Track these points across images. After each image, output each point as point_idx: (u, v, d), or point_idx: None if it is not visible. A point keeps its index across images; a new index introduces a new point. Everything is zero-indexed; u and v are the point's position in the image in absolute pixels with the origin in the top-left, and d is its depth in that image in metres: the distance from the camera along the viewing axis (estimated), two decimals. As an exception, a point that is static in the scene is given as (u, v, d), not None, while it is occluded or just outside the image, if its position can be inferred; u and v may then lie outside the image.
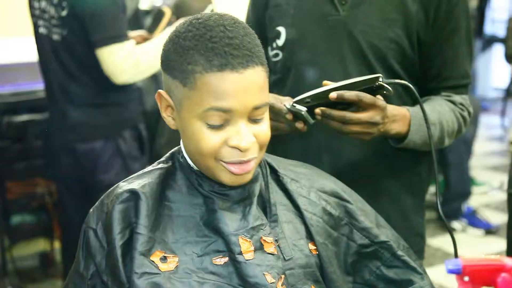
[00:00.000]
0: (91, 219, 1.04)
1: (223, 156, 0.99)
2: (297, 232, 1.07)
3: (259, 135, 1.00)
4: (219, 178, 1.01)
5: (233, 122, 0.97)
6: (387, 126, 1.28)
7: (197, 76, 0.95)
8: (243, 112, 0.97)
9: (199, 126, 0.98)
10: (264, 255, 1.01)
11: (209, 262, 1.00)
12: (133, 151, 2.36)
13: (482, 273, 0.81)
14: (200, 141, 0.98)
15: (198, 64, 0.95)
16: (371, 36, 1.35)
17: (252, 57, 0.96)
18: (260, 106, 0.98)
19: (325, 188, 1.14)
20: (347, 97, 1.19)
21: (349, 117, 1.21)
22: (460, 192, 3.86)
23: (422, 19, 1.36)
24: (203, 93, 0.96)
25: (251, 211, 1.03)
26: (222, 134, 0.98)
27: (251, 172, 1.02)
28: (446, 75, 1.42)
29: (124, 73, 2.24)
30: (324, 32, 1.38)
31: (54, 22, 2.28)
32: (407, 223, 1.46)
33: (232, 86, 0.95)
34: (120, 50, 2.21)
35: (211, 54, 0.95)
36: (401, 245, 1.16)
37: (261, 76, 0.98)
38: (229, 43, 0.95)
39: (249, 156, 0.99)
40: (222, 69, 0.94)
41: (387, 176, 1.44)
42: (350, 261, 1.12)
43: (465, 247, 3.58)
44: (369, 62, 1.36)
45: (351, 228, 1.12)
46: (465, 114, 1.44)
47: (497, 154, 5.47)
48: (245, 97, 0.96)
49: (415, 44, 1.37)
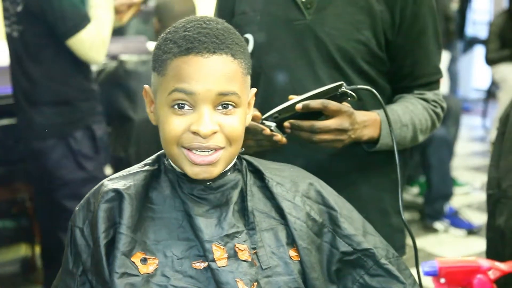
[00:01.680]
0: (77, 218, 1.05)
1: (184, 141, 1.00)
2: (277, 239, 1.07)
3: (225, 126, 1.00)
4: (184, 169, 1.02)
5: (197, 108, 0.99)
6: (358, 133, 1.29)
7: (168, 62, 0.99)
8: (206, 98, 0.98)
9: (166, 112, 1.00)
10: (237, 262, 1.01)
11: (189, 265, 1.00)
12: (84, 150, 2.37)
13: (458, 275, 0.81)
14: (165, 127, 1.00)
15: (170, 52, 0.99)
16: (338, 38, 1.36)
17: (219, 44, 0.98)
18: (225, 93, 0.99)
19: (309, 193, 1.13)
20: (313, 106, 1.22)
21: (317, 126, 1.23)
22: (442, 193, 3.89)
23: (388, 20, 1.37)
24: (170, 77, 0.99)
25: (226, 218, 1.03)
26: (186, 120, 0.99)
27: (216, 166, 1.02)
28: (418, 74, 1.44)
29: (98, 54, 2.28)
30: (292, 37, 1.38)
31: (13, 19, 2.30)
32: (387, 220, 1.47)
33: (195, 69, 0.97)
34: (87, 34, 2.23)
35: (182, 40, 0.99)
36: (390, 253, 1.15)
37: (230, 66, 1.00)
38: (201, 32, 0.99)
39: (210, 143, 0.99)
40: (188, 53, 0.98)
41: (363, 177, 1.45)
42: (334, 269, 1.10)
43: (447, 247, 3.60)
44: (338, 64, 1.37)
45: (334, 235, 1.11)
46: (438, 110, 1.46)
47: (478, 154, 5.51)
48: (208, 82, 0.97)
49: (382, 44, 1.38)
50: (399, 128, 1.37)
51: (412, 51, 1.41)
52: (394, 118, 1.36)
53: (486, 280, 0.79)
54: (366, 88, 1.29)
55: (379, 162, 1.45)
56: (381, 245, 1.15)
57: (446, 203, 3.89)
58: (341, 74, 1.37)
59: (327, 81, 1.35)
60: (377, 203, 1.47)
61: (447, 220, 3.85)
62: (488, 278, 0.80)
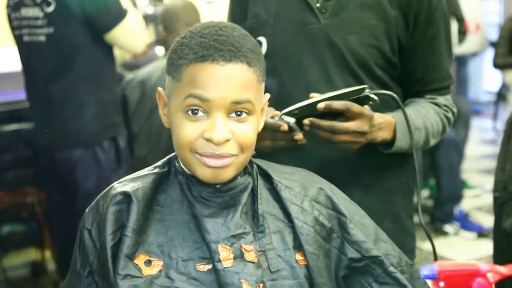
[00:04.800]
0: (86, 220, 1.07)
1: (197, 148, 1.00)
2: (284, 242, 1.06)
3: (238, 133, 1.00)
4: (195, 173, 1.02)
5: (211, 115, 0.99)
6: (373, 134, 1.30)
7: (183, 68, 0.99)
8: (221, 105, 0.98)
9: (180, 117, 1.00)
10: (243, 263, 1.01)
11: (193, 267, 1.01)
12: (110, 161, 2.36)
13: (457, 278, 0.80)
14: (179, 132, 1.01)
15: (186, 57, 0.99)
16: (352, 43, 1.36)
17: (235, 52, 0.99)
18: (239, 101, 0.99)
19: (319, 198, 1.13)
20: (335, 107, 1.21)
21: (338, 126, 1.23)
22: (452, 196, 3.87)
23: (402, 25, 1.37)
24: (185, 83, 0.99)
25: (233, 219, 1.03)
26: (199, 126, 0.99)
27: (229, 170, 1.02)
28: (430, 79, 1.44)
29: (140, 40, 2.31)
30: (306, 41, 1.38)
31: (39, 23, 2.26)
32: (399, 224, 1.47)
33: (211, 76, 0.97)
34: (130, 21, 2.25)
35: (198, 47, 0.99)
36: (403, 261, 1.13)
37: (245, 74, 1.00)
38: (216, 38, 0.99)
39: (223, 150, 0.99)
40: (204, 60, 0.98)
41: (375, 180, 1.45)
42: (342, 274, 1.09)
43: (458, 250, 3.58)
44: (351, 68, 1.37)
45: (343, 241, 1.10)
46: (449, 115, 1.47)
47: (489, 157, 5.48)
48: (224, 90, 0.98)
49: (396, 49, 1.38)
50: (413, 131, 1.37)
51: (424, 56, 1.41)
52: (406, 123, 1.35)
53: (486, 284, 0.79)
54: (388, 93, 1.30)
55: (391, 165, 1.45)
56: (393, 253, 1.13)
57: (456, 206, 3.88)
58: (354, 78, 1.37)
59: (341, 85, 1.36)
60: (389, 206, 1.46)
61: (457, 222, 3.83)
62: (488, 282, 0.80)
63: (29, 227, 3.11)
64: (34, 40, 2.29)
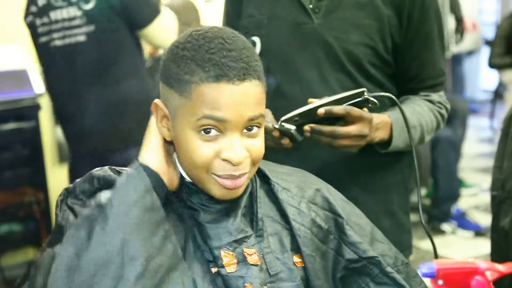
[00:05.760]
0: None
1: (215, 169, 0.97)
2: (282, 244, 1.06)
3: (252, 150, 0.99)
4: (210, 191, 1.00)
5: (226, 135, 0.96)
6: (372, 135, 1.31)
7: (193, 86, 0.95)
8: (237, 124, 0.96)
9: (192, 136, 0.97)
10: (247, 266, 1.00)
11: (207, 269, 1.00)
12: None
13: (456, 276, 0.81)
14: (193, 152, 0.97)
15: (195, 74, 0.95)
16: (346, 42, 1.36)
17: (248, 70, 0.96)
18: (255, 117, 0.97)
19: (315, 199, 1.12)
20: (336, 112, 1.22)
21: (339, 131, 1.24)
22: (449, 194, 3.87)
23: (395, 23, 1.38)
24: (198, 102, 0.95)
25: (234, 223, 1.02)
26: (215, 146, 0.96)
27: (242, 187, 1.01)
28: (424, 76, 1.45)
29: (174, 37, 2.23)
30: (299, 41, 1.39)
31: (76, 23, 2.20)
32: (396, 221, 1.48)
33: (227, 97, 0.94)
34: (166, 17, 2.23)
35: (208, 64, 0.94)
36: (399, 261, 1.12)
37: (257, 90, 0.98)
38: (226, 55, 0.95)
39: (241, 170, 0.97)
40: (218, 80, 0.94)
41: (371, 178, 1.46)
42: (339, 276, 1.09)
43: (455, 249, 3.59)
44: (345, 68, 1.37)
45: (340, 242, 1.09)
46: (443, 111, 1.49)
47: (486, 156, 5.49)
48: (240, 109, 0.95)
49: (389, 48, 1.39)
50: (411, 132, 1.37)
51: (418, 54, 1.42)
52: (402, 122, 1.35)
53: (484, 282, 0.79)
54: (387, 95, 1.31)
55: (387, 163, 1.46)
56: (389, 253, 1.12)
57: (454, 205, 3.88)
58: (348, 77, 1.38)
59: (335, 84, 1.37)
60: (385, 204, 1.47)
61: (455, 221, 3.84)
62: (486, 280, 0.80)
63: (26, 226, 3.10)
64: (71, 42, 2.23)
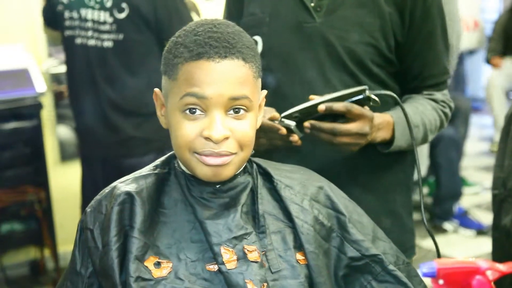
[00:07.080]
0: (88, 219, 1.05)
1: (196, 147, 0.99)
2: (285, 242, 1.06)
3: (237, 131, 1.00)
4: (195, 172, 1.02)
5: (209, 114, 0.98)
6: (373, 135, 1.30)
7: (179, 66, 0.99)
8: (218, 102, 0.97)
9: (178, 117, 1.00)
10: (247, 263, 1.01)
11: (202, 267, 1.01)
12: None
13: (456, 276, 0.81)
14: (177, 132, 1.00)
15: (181, 56, 0.98)
16: (348, 41, 1.36)
17: (230, 49, 0.98)
18: (237, 97, 0.98)
19: (318, 197, 1.13)
20: (336, 108, 1.22)
21: (339, 128, 1.23)
22: (451, 193, 3.87)
23: (397, 21, 1.37)
24: (181, 82, 0.98)
25: (234, 220, 1.03)
26: (198, 125, 0.99)
27: (228, 168, 1.02)
28: (427, 75, 1.44)
29: None
30: (301, 40, 1.38)
31: (106, 28, 2.20)
32: (398, 221, 1.47)
33: (206, 74, 0.97)
34: None
35: (193, 45, 0.98)
36: (400, 259, 1.13)
37: (241, 70, 0.99)
38: (211, 36, 0.98)
39: (223, 148, 0.99)
40: (199, 57, 0.97)
41: (373, 177, 1.45)
42: (341, 274, 1.09)
43: (457, 248, 3.58)
44: (347, 67, 1.37)
45: (342, 240, 1.10)
46: (447, 110, 1.47)
47: (488, 154, 5.48)
48: (220, 86, 0.97)
49: (392, 46, 1.38)
50: (413, 132, 1.37)
51: (421, 52, 1.41)
52: (404, 121, 1.35)
53: (485, 281, 0.79)
54: (389, 94, 1.30)
55: (389, 162, 1.45)
56: (391, 251, 1.13)
57: (455, 203, 3.88)
58: (351, 76, 1.37)
59: (337, 83, 1.36)
60: (388, 203, 1.47)
61: (457, 220, 3.83)
62: (487, 279, 0.80)
63: (28, 225, 3.10)
64: (97, 45, 2.23)
